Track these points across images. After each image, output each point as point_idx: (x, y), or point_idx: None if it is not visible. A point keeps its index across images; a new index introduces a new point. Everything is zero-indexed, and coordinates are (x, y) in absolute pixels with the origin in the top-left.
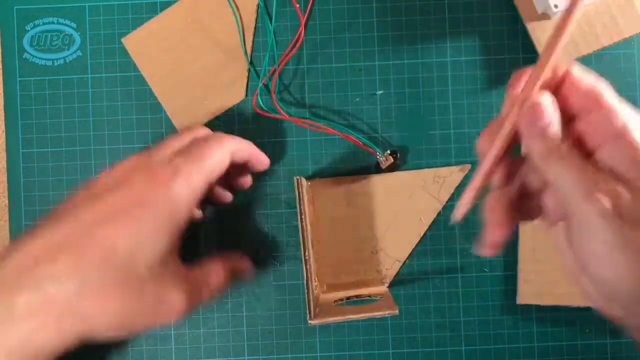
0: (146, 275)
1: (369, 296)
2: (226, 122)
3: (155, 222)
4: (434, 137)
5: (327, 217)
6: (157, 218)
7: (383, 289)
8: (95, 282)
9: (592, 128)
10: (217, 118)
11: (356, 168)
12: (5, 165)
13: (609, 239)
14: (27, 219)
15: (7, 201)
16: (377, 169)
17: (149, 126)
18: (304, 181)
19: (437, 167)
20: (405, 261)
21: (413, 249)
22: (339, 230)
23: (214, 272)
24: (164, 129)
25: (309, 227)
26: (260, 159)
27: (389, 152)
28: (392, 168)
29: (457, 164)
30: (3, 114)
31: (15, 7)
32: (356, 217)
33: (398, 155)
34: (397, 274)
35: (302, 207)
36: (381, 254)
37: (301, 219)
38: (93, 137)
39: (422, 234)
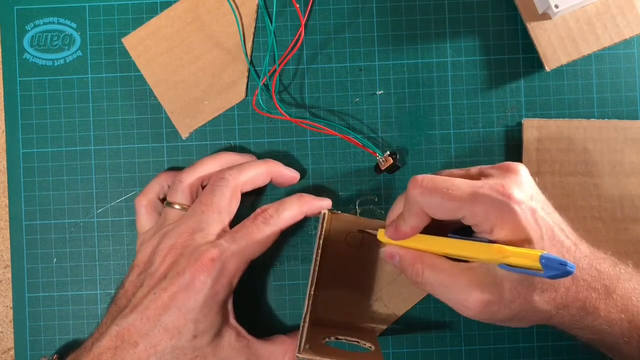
0: (205, 344)
1: (357, 342)
2: (226, 122)
3: (202, 302)
4: (434, 137)
5: (336, 252)
6: (200, 300)
7: (373, 339)
8: (169, 355)
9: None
10: (217, 118)
11: (356, 169)
12: (5, 165)
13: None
14: (27, 219)
15: (7, 201)
16: (377, 170)
17: (149, 126)
18: (327, 215)
19: (436, 167)
20: (400, 317)
21: (411, 307)
22: (345, 268)
23: (279, 353)
24: (164, 129)
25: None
26: (286, 178)
27: (388, 153)
28: (391, 169)
29: (457, 164)
30: (3, 114)
31: (15, 7)
32: (364, 260)
33: (397, 156)
34: (389, 326)
35: (320, 242)
36: (379, 303)
37: (317, 252)
38: (93, 137)
39: (424, 295)
